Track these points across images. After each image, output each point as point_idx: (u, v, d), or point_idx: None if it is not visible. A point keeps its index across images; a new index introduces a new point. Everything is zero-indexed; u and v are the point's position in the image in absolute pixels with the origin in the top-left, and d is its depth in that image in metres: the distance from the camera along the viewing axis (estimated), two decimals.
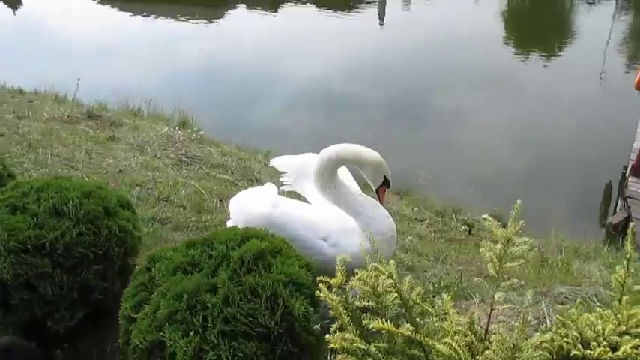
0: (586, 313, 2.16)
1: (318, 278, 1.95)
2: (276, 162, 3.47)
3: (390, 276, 2.02)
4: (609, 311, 2.19)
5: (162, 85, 11.13)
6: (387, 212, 3.05)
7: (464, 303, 3.24)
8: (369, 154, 3.05)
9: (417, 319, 2.06)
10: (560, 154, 10.02)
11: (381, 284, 1.97)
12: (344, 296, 1.95)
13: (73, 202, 2.80)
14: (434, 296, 3.52)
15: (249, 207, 3.04)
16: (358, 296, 1.98)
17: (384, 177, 3.07)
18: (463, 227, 5.40)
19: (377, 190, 3.16)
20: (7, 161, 4.81)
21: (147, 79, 11.13)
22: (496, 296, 2.16)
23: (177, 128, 7.27)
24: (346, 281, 2.01)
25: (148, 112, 8.47)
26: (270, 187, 3.10)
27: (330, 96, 11.97)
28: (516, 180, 9.26)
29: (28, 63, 12.03)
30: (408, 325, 1.91)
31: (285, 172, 3.41)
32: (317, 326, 2.18)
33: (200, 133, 7.24)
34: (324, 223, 2.95)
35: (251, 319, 2.11)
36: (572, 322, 2.12)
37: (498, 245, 2.22)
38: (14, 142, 5.46)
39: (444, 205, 6.10)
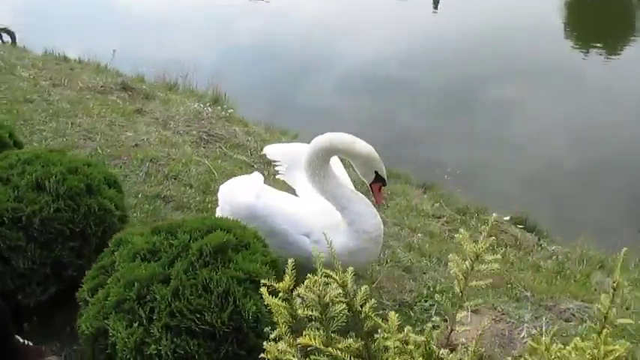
0: (560, 343, 1.97)
1: (262, 281, 1.84)
2: (269, 150, 3.36)
3: (344, 285, 1.89)
4: (589, 343, 2.00)
5: (203, 60, 11.14)
6: (376, 212, 2.90)
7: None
8: (364, 147, 2.90)
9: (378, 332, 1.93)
10: (613, 157, 9.39)
11: (328, 293, 1.84)
12: (288, 303, 1.83)
13: (55, 177, 2.79)
14: (426, 301, 3.36)
15: (234, 196, 2.95)
16: (304, 304, 1.86)
17: (377, 173, 2.92)
18: (482, 227, 5.12)
19: (371, 187, 3.02)
20: (26, 129, 4.91)
21: (190, 54, 11.15)
22: (458, 317, 2.00)
23: (207, 105, 7.23)
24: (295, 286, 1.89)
25: (183, 86, 8.46)
26: (256, 176, 2.99)
27: (374, 80, 11.69)
28: (559, 181, 8.78)
29: (78, 31, 12.30)
30: (351, 340, 1.79)
31: (278, 161, 3.30)
32: (268, 329, 2.06)
33: (229, 111, 7.17)
34: (308, 218, 2.83)
35: (198, 315, 2.03)
36: (542, 352, 1.95)
37: (467, 262, 2.06)
38: (41, 109, 5.54)
39: (468, 203, 5.80)
